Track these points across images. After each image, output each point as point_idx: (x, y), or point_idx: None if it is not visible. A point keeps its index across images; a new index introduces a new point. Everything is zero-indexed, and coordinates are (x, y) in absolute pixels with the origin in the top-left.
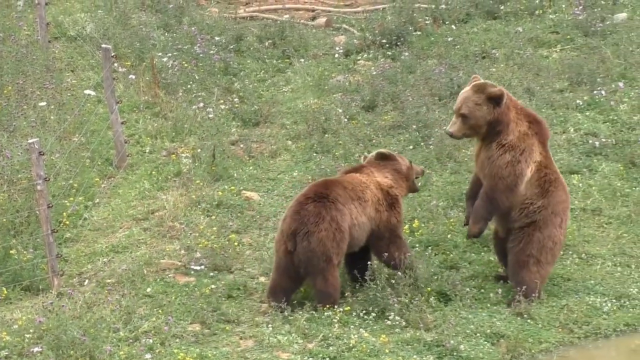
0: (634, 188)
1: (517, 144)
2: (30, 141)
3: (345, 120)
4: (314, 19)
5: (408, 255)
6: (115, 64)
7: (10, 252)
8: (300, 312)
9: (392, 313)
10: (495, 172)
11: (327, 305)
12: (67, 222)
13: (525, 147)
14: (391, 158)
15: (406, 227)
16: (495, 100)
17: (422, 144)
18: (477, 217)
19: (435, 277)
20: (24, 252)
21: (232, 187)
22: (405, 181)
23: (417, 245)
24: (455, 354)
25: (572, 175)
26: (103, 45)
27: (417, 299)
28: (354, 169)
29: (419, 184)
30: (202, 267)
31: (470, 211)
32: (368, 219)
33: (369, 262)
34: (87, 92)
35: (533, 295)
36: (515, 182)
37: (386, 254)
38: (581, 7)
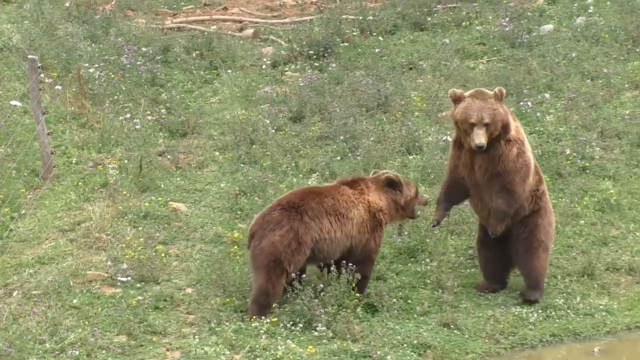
0: (560, 199)
1: (517, 137)
2: None
3: (273, 131)
4: (241, 30)
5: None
6: (42, 75)
7: None
8: (228, 323)
9: (320, 324)
10: (510, 167)
11: (257, 310)
12: None
13: (522, 139)
14: (397, 187)
15: None
16: (501, 99)
17: (349, 154)
18: (501, 215)
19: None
20: None
21: (159, 198)
22: (398, 211)
23: None
24: None
25: None
26: (29, 56)
27: (344, 310)
28: (349, 182)
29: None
30: (129, 278)
31: (441, 214)
32: (347, 236)
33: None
34: (13, 102)
35: (542, 283)
36: (528, 172)
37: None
38: (508, 18)
